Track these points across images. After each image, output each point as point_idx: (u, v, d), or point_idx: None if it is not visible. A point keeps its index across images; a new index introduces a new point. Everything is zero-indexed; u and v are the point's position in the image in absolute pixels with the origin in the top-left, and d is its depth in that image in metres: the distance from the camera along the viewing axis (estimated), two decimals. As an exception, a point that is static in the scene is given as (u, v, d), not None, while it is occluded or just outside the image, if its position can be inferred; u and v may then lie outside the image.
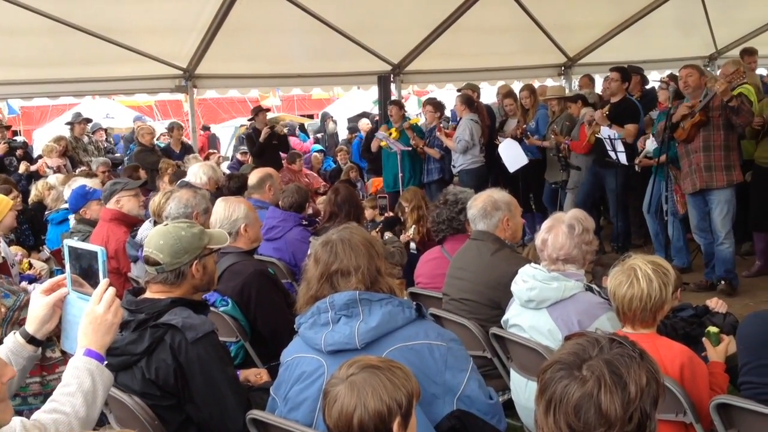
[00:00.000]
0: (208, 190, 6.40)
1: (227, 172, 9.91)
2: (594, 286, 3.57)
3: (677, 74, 8.60)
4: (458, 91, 10.48)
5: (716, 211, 6.79)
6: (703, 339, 3.25)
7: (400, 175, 9.68)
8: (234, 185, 6.73)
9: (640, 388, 1.77)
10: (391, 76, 11.35)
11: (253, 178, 6.35)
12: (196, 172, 6.95)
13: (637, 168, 7.56)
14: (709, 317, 3.56)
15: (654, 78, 10.74)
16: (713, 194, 6.77)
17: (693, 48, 12.30)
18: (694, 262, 7.79)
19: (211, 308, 3.73)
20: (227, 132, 20.40)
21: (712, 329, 3.22)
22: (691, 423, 2.84)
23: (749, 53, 9.59)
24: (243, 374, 3.58)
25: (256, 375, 3.62)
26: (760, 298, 6.69)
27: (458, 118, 9.77)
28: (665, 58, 12.20)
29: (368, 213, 7.49)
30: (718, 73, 7.30)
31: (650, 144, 7.53)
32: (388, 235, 6.32)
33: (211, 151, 15.48)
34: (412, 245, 6.38)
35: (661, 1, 10.71)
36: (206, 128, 19.28)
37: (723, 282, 6.83)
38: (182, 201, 4.84)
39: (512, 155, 8.88)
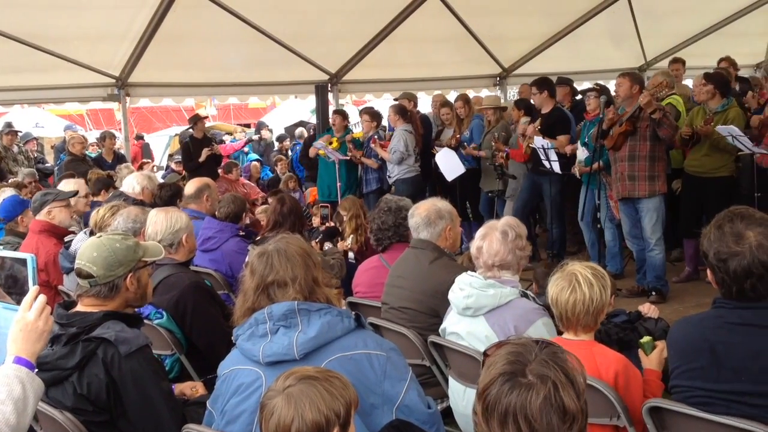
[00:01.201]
0: (142, 201, 6.28)
1: (161, 182, 9.74)
2: (529, 292, 3.63)
3: (603, 84, 8.84)
4: (395, 100, 10.54)
5: (646, 219, 6.97)
6: (639, 351, 3.32)
7: (338, 184, 9.67)
8: (166, 195, 6.57)
9: (583, 378, 1.83)
10: (329, 85, 11.34)
11: (190, 187, 6.24)
12: (131, 182, 6.81)
13: (577, 174, 7.69)
14: (641, 322, 3.64)
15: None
16: (642, 202, 6.96)
17: (623, 59, 12.61)
18: (626, 269, 7.98)
19: (146, 321, 3.66)
20: (161, 141, 20.07)
21: (645, 339, 3.29)
22: (624, 427, 2.90)
23: (676, 62, 9.89)
24: (178, 388, 3.53)
25: (192, 388, 3.56)
26: (690, 303, 6.87)
27: (392, 128, 9.82)
28: (597, 69, 12.50)
29: (315, 221, 7.49)
30: (647, 83, 7.48)
31: (581, 153, 7.69)
32: (327, 245, 6.30)
33: (144, 160, 15.19)
34: (350, 255, 6.37)
35: (592, 14, 10.98)
36: (139, 137, 18.92)
37: (654, 293, 7.00)
38: (130, 216, 4.72)
39: (449, 164, 8.96)
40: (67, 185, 6.68)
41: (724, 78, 7.54)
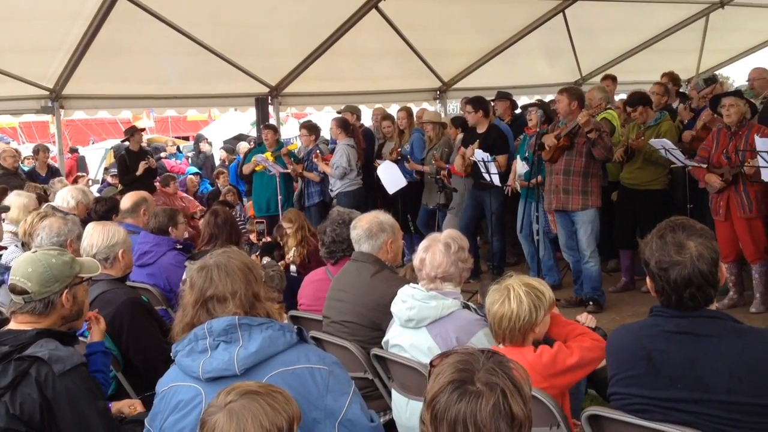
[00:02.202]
0: (77, 214, 6.13)
1: (97, 195, 9.53)
2: (471, 304, 3.66)
3: (543, 100, 9.01)
4: (338, 113, 10.54)
5: (581, 231, 7.11)
6: None
7: (279, 197, 9.62)
8: (101, 209, 6.42)
9: (529, 386, 1.86)
10: (269, 98, 11.28)
11: (127, 201, 6.11)
12: (64, 196, 6.63)
13: (518, 188, 7.80)
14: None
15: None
16: (577, 215, 7.10)
17: (560, 74, 12.89)
18: (564, 279, 8.11)
19: (81, 339, 3.56)
20: (97, 154, 19.67)
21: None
22: (565, 435, 2.94)
23: (607, 79, 10.14)
24: (116, 406, 3.44)
25: (129, 406, 3.48)
26: (626, 313, 7.01)
27: (335, 141, 9.82)
28: (534, 84, 12.75)
29: (254, 235, 7.41)
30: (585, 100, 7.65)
31: (520, 167, 7.80)
32: (266, 259, 6.25)
33: (79, 174, 14.87)
34: (293, 268, 6.33)
35: (529, 29, 11.20)
36: (74, 150, 18.51)
37: (591, 303, 7.13)
38: (53, 230, 4.59)
39: (391, 177, 8.99)
40: (18, 198, 6.51)
41: (642, 94, 7.78)
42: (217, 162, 16.05)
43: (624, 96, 9.17)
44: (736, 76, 13.39)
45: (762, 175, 5.91)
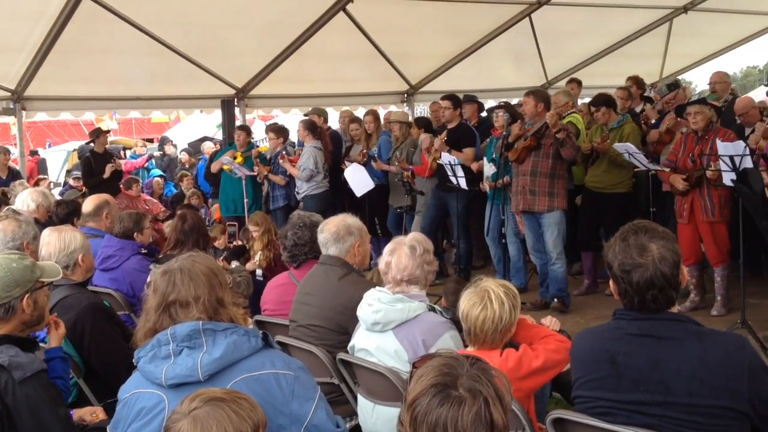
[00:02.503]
0: (38, 218, 6.03)
1: (59, 198, 9.39)
2: (437, 306, 3.66)
3: (507, 101, 9.08)
4: (305, 115, 10.51)
5: (547, 233, 7.18)
6: None
7: (245, 200, 9.56)
8: (62, 212, 6.32)
9: (510, 395, 1.86)
10: (235, 100, 11.21)
11: (89, 205, 6.02)
12: (24, 199, 6.52)
13: (487, 189, 7.83)
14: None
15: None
16: (544, 217, 7.16)
17: (526, 78, 12.98)
18: (529, 282, 8.17)
19: (41, 345, 3.51)
20: (59, 156, 19.39)
21: None
22: (530, 438, 2.95)
23: (572, 82, 10.25)
24: (77, 413, 3.40)
25: (91, 414, 3.43)
26: (590, 316, 7.08)
27: (302, 143, 9.80)
28: (501, 88, 12.82)
29: (220, 241, 7.31)
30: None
31: (488, 169, 7.85)
32: (234, 263, 6.20)
33: (41, 176, 14.64)
34: (258, 272, 6.29)
35: (496, 33, 11.26)
36: (34, 153, 18.22)
37: (556, 300, 7.20)
38: (7, 234, 4.50)
39: (358, 180, 8.98)
40: None
41: (606, 95, 7.89)
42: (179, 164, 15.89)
43: (588, 100, 9.26)
44: (699, 80, 13.67)
45: (723, 179, 6.01)
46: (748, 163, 5.76)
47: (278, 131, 9.99)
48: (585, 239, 7.83)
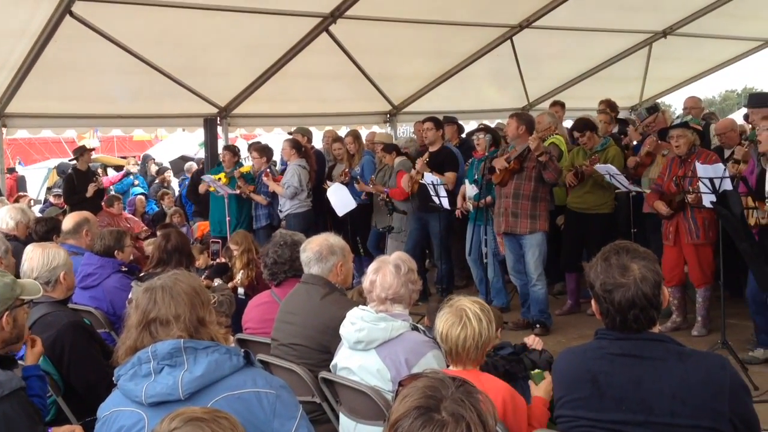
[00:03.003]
0: (16, 236, 5.98)
1: (39, 216, 9.31)
2: (419, 326, 3.66)
3: (487, 124, 9.15)
4: (289, 134, 10.52)
5: (528, 255, 7.21)
6: (530, 382, 3.40)
7: (227, 219, 9.52)
8: (42, 229, 6.26)
9: (495, 420, 1.83)
10: (218, 118, 11.19)
11: (69, 222, 5.97)
12: (3, 216, 6.46)
13: (470, 207, 7.84)
14: (527, 354, 3.73)
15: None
16: (525, 238, 7.19)
17: (508, 100, 13.07)
18: (511, 302, 8.18)
19: (20, 362, 3.46)
20: (39, 174, 19.22)
21: (535, 372, 3.39)
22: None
23: (556, 105, 10.33)
24: (56, 432, 3.34)
25: (70, 432, 3.38)
26: (572, 335, 7.11)
27: (286, 162, 9.79)
28: (483, 109, 12.91)
29: (200, 261, 7.26)
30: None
31: (470, 190, 7.88)
32: (217, 281, 6.16)
33: (21, 194, 14.49)
34: (240, 290, 6.26)
35: (478, 55, 11.36)
36: (11, 170, 18.02)
37: (538, 326, 7.21)
38: None
39: (341, 199, 8.98)
40: None
41: (588, 120, 7.96)
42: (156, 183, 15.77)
43: (570, 122, 9.35)
44: (679, 104, 13.76)
45: (703, 201, 6.06)
46: (727, 185, 5.82)
47: (262, 151, 9.99)
48: (569, 260, 7.86)
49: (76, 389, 3.85)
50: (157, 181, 15.30)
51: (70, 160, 10.85)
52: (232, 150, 10.25)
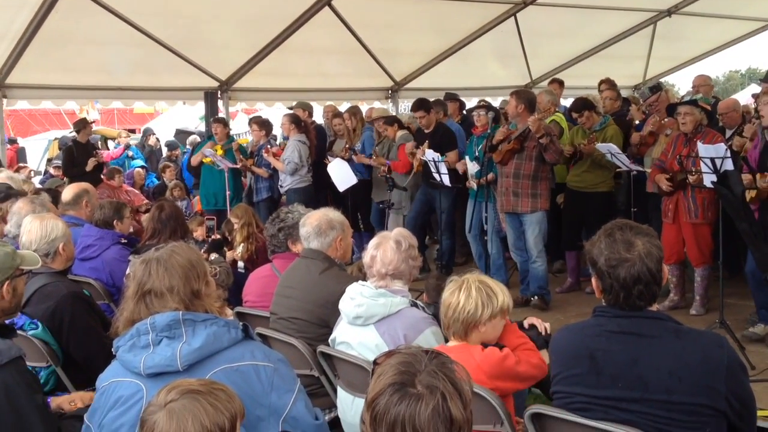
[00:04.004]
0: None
1: (39, 187, 9.31)
2: (419, 302, 3.67)
3: (485, 100, 9.12)
4: (290, 109, 10.48)
5: (528, 232, 7.21)
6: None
7: (227, 192, 9.52)
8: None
9: (470, 388, 1.87)
10: (219, 92, 11.15)
11: (68, 193, 5.97)
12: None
13: (474, 187, 7.83)
14: (525, 331, 3.73)
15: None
16: (525, 217, 7.19)
17: (510, 77, 13.02)
18: (510, 280, 8.19)
19: (19, 332, 3.48)
20: (40, 145, 19.20)
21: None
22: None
23: (554, 82, 10.28)
24: (55, 402, 3.37)
25: (70, 402, 3.40)
26: (571, 313, 7.12)
27: (286, 138, 9.77)
28: (486, 86, 12.84)
29: (198, 233, 7.27)
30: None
31: (471, 167, 7.86)
32: (214, 255, 6.17)
33: (21, 165, 14.48)
34: (240, 264, 6.27)
35: (481, 32, 11.28)
36: (13, 141, 18.00)
37: (536, 297, 7.23)
38: None
39: (341, 175, 8.97)
40: None
41: (585, 99, 7.91)
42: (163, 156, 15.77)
43: (571, 100, 9.31)
44: (682, 83, 13.76)
45: (704, 181, 6.05)
46: (728, 165, 5.80)
47: (262, 124, 9.96)
48: (569, 239, 7.87)
49: (74, 359, 3.87)
50: (165, 155, 15.27)
51: (70, 133, 10.82)
52: (223, 122, 10.19)
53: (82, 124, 10.71)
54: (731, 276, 7.04)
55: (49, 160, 16.49)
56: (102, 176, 10.63)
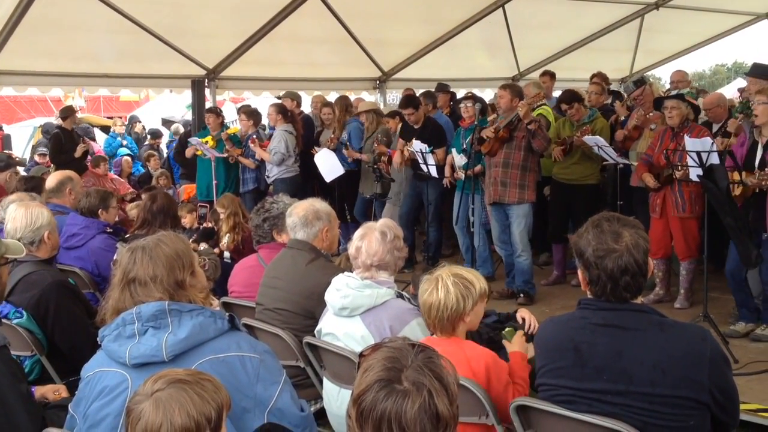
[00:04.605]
0: (1, 193, 5.94)
1: (24, 174, 9.25)
2: (404, 294, 3.67)
3: (472, 92, 9.13)
4: (278, 98, 10.43)
5: (514, 225, 7.23)
6: (503, 341, 3.43)
7: (214, 182, 9.48)
8: (22, 188, 6.22)
9: (456, 384, 1.87)
10: (206, 80, 11.08)
11: (52, 181, 5.93)
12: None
13: (461, 177, 7.83)
14: (512, 323, 3.75)
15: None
16: (512, 208, 7.21)
17: (498, 69, 13.02)
18: (496, 272, 8.22)
19: (4, 321, 3.46)
20: (25, 132, 19.04)
21: (506, 330, 3.43)
22: (493, 425, 2.97)
23: (545, 75, 10.29)
24: (39, 391, 3.35)
25: (54, 391, 3.39)
26: (556, 305, 7.15)
27: (272, 128, 9.73)
28: (473, 77, 12.84)
29: (187, 220, 7.25)
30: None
31: (458, 159, 7.86)
32: (203, 246, 6.15)
33: (6, 152, 14.37)
34: (226, 254, 6.25)
35: (469, 23, 11.26)
36: (-2, 128, 17.88)
37: (522, 295, 7.26)
38: None
39: (328, 165, 8.95)
40: None
41: (574, 92, 7.94)
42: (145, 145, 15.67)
43: (559, 92, 9.31)
44: (668, 77, 13.78)
45: (690, 175, 6.08)
46: (714, 159, 5.83)
47: (250, 114, 9.91)
48: (555, 231, 7.89)
49: (59, 349, 3.85)
50: (147, 143, 15.19)
51: (55, 120, 10.75)
52: (216, 112, 10.15)
53: (68, 112, 10.65)
54: (716, 270, 7.08)
55: (34, 147, 16.37)
56: (87, 164, 10.57)
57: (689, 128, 6.64)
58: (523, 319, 3.74)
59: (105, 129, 17.77)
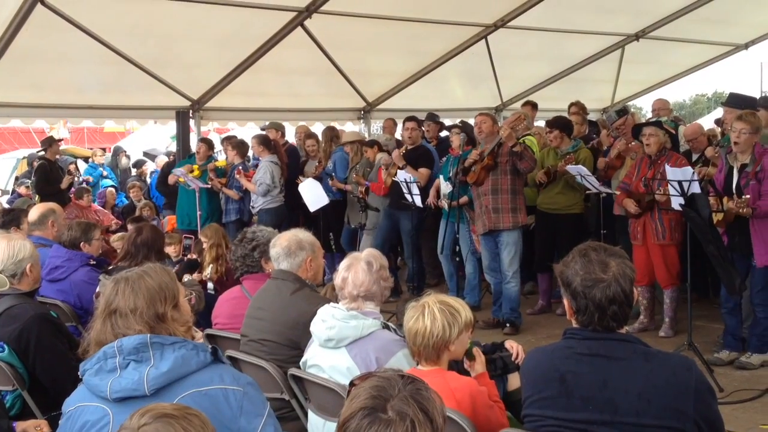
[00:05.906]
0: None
1: (5, 207, 9.18)
2: (390, 324, 3.65)
3: (466, 121, 9.18)
4: (262, 129, 10.46)
5: (504, 252, 7.24)
6: (464, 360, 3.41)
7: (198, 213, 9.45)
8: (5, 221, 6.16)
9: (443, 417, 1.86)
10: (191, 111, 11.09)
11: (34, 213, 5.88)
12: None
13: (446, 206, 7.84)
14: (499, 354, 3.73)
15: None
16: (502, 236, 7.22)
17: (482, 99, 13.11)
18: (483, 301, 8.22)
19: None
20: (8, 164, 18.96)
21: (467, 348, 3.41)
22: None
23: (527, 104, 10.38)
24: (21, 426, 3.30)
25: (35, 427, 3.34)
26: (541, 335, 7.15)
27: (257, 159, 9.74)
28: (457, 108, 12.93)
29: (171, 250, 7.21)
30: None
31: (445, 187, 7.90)
32: (187, 277, 6.11)
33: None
34: (210, 285, 6.21)
35: (451, 55, 11.37)
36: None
37: (508, 325, 7.25)
38: None
39: (313, 195, 8.96)
40: None
41: (564, 120, 8.01)
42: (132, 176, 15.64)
43: (542, 123, 9.40)
44: (649, 107, 13.94)
45: (671, 203, 6.13)
46: (695, 188, 5.89)
47: (236, 145, 9.95)
48: (541, 261, 7.92)
49: (41, 383, 3.80)
50: (134, 173, 15.15)
51: (38, 151, 10.72)
52: (208, 143, 10.19)
53: (48, 143, 10.62)
54: (700, 298, 7.12)
55: (17, 179, 16.28)
56: (70, 196, 10.52)
57: (667, 156, 6.71)
58: (512, 347, 3.73)
59: (86, 159, 17.71)
